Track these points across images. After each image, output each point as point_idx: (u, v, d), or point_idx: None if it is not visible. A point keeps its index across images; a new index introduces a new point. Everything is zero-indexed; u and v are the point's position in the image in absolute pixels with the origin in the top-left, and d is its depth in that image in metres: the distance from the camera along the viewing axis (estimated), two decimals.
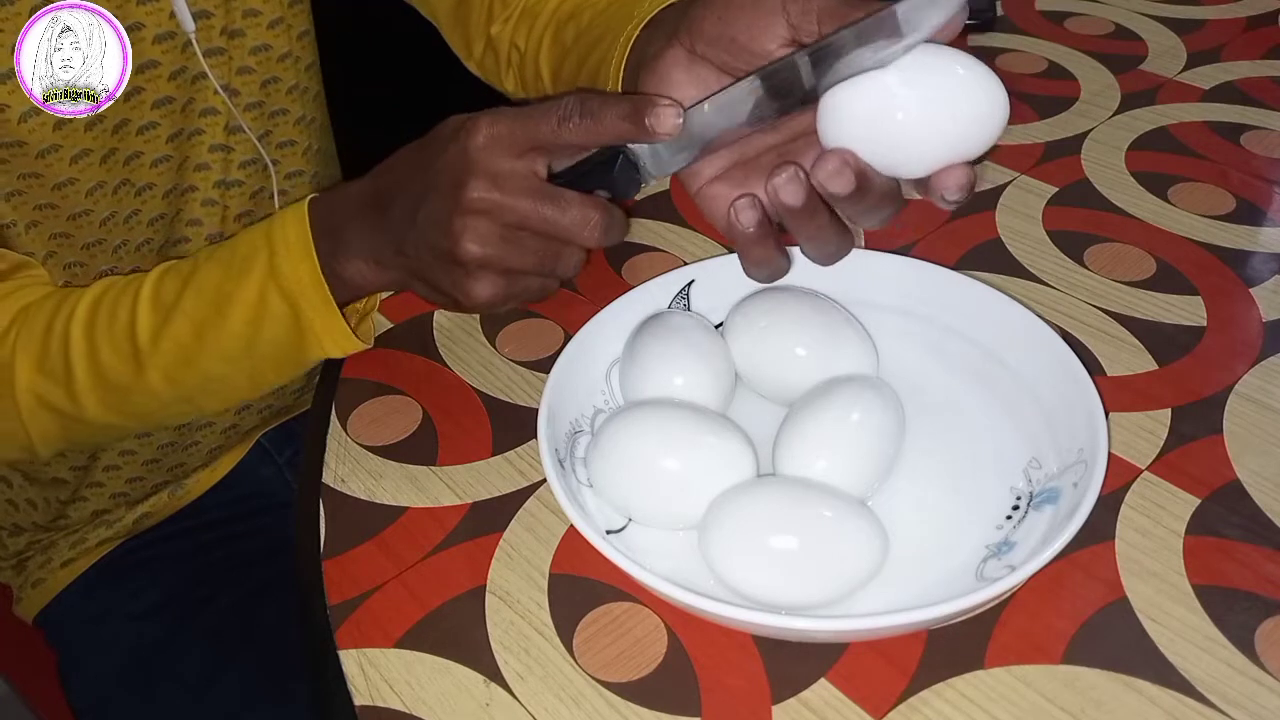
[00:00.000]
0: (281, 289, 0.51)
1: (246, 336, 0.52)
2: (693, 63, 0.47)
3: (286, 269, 0.50)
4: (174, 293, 0.53)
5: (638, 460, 0.47)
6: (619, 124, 0.43)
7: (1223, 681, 0.41)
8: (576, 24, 0.65)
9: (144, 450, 0.73)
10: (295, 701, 0.67)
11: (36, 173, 0.59)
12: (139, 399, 0.55)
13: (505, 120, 0.44)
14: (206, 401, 0.58)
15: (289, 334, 0.52)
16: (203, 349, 0.53)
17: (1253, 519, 0.47)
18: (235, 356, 0.53)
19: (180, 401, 0.56)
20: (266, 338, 0.52)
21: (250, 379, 0.56)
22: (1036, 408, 0.50)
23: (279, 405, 0.80)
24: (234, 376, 0.55)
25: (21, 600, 0.77)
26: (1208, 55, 0.84)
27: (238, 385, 0.56)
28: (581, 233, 0.45)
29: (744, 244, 0.45)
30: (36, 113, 0.56)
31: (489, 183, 0.44)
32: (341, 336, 0.52)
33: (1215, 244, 0.64)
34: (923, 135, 0.41)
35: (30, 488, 0.73)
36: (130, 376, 0.54)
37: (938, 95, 0.41)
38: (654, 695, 0.42)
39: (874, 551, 0.43)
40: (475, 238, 0.45)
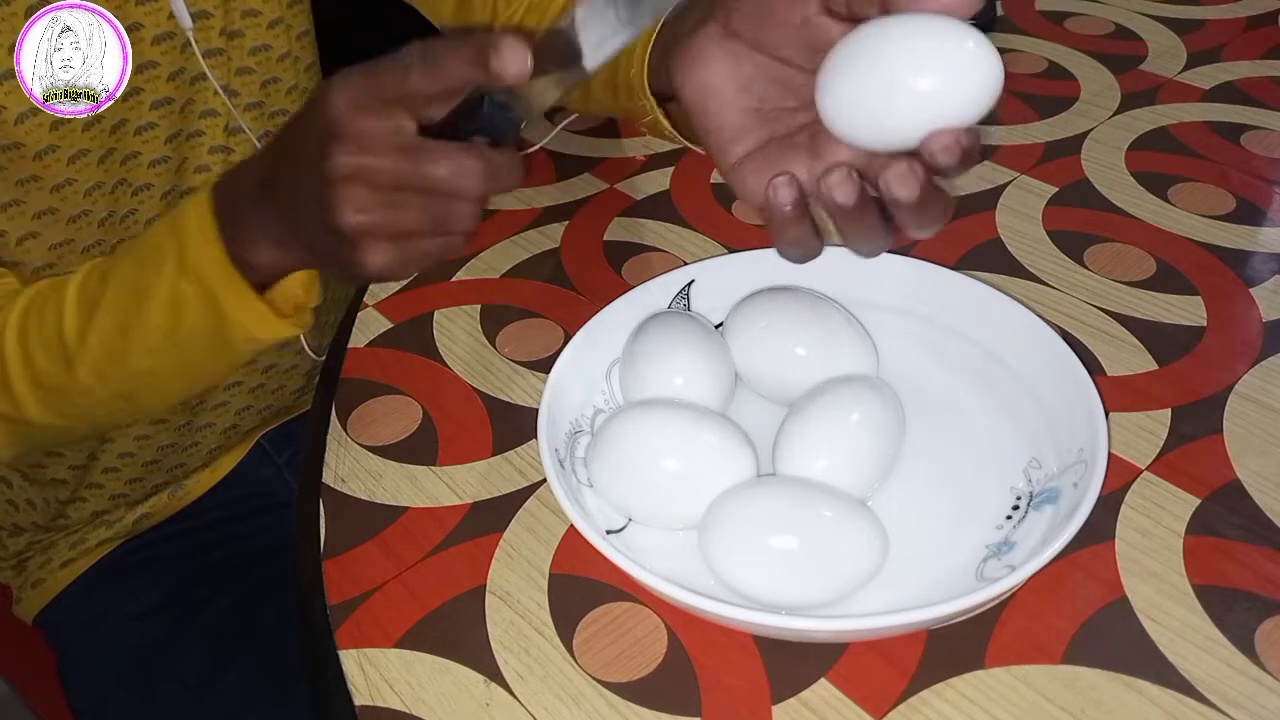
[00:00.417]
0: (192, 277, 0.49)
1: (167, 328, 0.51)
2: (727, 39, 0.46)
3: (193, 257, 0.49)
4: (96, 291, 0.52)
5: (638, 460, 0.47)
6: (464, 69, 0.41)
7: (1223, 681, 0.41)
8: None
9: (144, 452, 0.73)
10: (295, 701, 0.67)
11: (35, 175, 0.59)
12: (76, 399, 0.55)
13: (355, 79, 0.42)
14: (145, 398, 0.57)
15: (209, 322, 0.50)
16: (128, 344, 0.52)
17: (1253, 519, 0.47)
18: (161, 349, 0.52)
19: (117, 399, 0.56)
20: (188, 328, 0.51)
21: (183, 372, 0.55)
22: (1036, 408, 0.50)
23: (279, 405, 0.80)
24: (165, 370, 0.54)
25: (21, 600, 0.77)
26: (1208, 55, 0.84)
27: (171, 379, 0.55)
28: (465, 182, 0.42)
29: (780, 223, 0.44)
30: (34, 113, 0.56)
31: (354, 146, 0.41)
32: (262, 317, 0.50)
33: (1215, 244, 0.64)
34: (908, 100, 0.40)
35: (30, 488, 0.73)
36: (63, 377, 0.53)
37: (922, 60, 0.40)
38: (654, 695, 0.42)
39: (874, 551, 0.43)
40: (354, 206, 0.42)
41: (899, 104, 0.40)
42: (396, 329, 0.62)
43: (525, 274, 0.65)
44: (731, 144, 0.47)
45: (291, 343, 0.76)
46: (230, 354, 0.53)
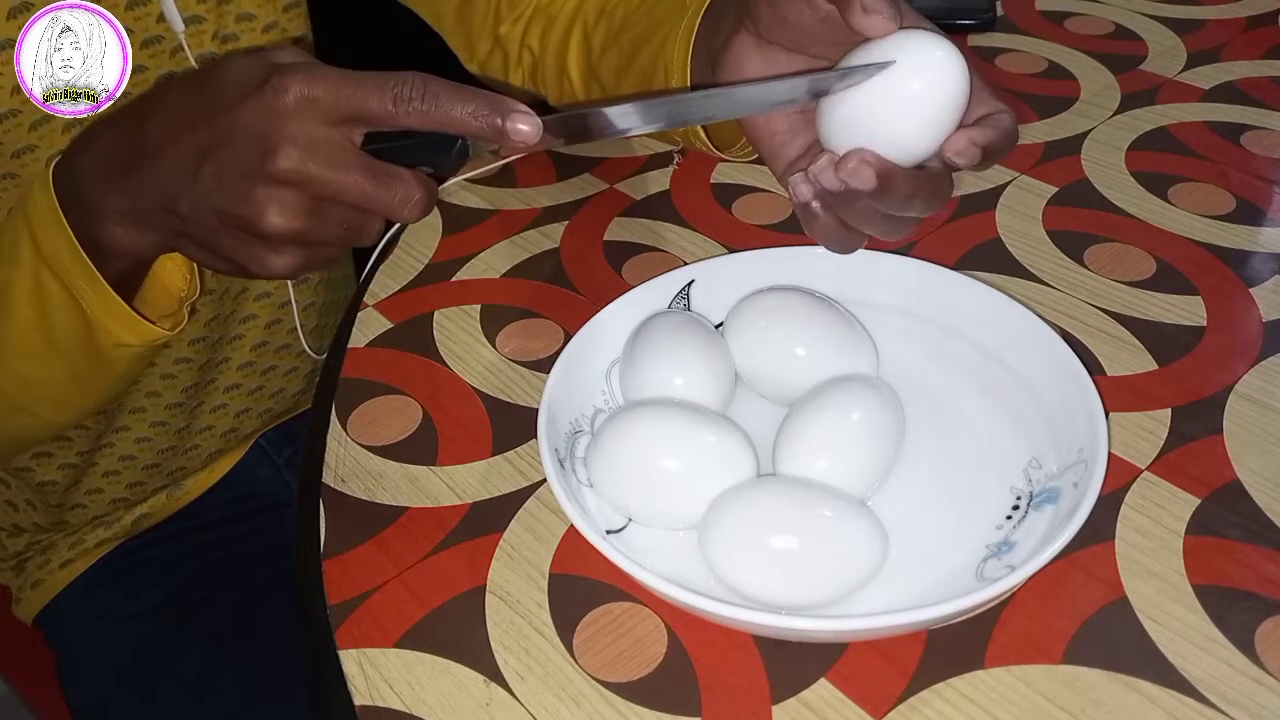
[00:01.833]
0: (51, 269, 0.46)
1: (38, 327, 0.48)
2: (762, 47, 0.47)
3: (47, 246, 0.46)
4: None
5: (638, 460, 0.47)
6: (467, 120, 0.40)
7: (1223, 681, 0.41)
8: (608, 23, 0.65)
9: (144, 455, 0.73)
10: (295, 701, 0.67)
11: (12, 173, 0.58)
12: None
13: (324, 82, 0.39)
14: (44, 410, 0.55)
15: (77, 321, 0.48)
16: (4, 346, 0.50)
17: (1253, 519, 0.47)
18: (38, 353, 0.50)
19: (14, 410, 0.54)
20: (59, 327, 0.48)
21: (74, 381, 0.52)
22: (1036, 408, 0.50)
23: (279, 408, 0.80)
24: (53, 379, 0.52)
25: (21, 601, 0.77)
26: (1208, 55, 0.84)
27: (64, 390, 0.53)
28: (401, 211, 0.41)
29: (806, 217, 0.45)
30: (13, 114, 0.56)
31: (301, 152, 0.39)
32: (124, 318, 0.48)
33: (1215, 244, 0.64)
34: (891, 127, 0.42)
35: (28, 489, 0.73)
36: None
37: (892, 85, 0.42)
38: (654, 695, 0.42)
39: (874, 551, 0.43)
40: (280, 211, 0.40)
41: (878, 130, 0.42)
42: (396, 329, 0.62)
43: (525, 274, 0.65)
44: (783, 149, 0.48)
45: (291, 345, 0.76)
46: (106, 361, 0.51)
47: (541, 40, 0.70)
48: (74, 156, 0.47)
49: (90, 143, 0.46)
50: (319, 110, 0.39)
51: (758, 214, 0.69)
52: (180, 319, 0.51)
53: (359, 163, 0.41)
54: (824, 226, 0.45)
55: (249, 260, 0.43)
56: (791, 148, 0.48)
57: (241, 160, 0.40)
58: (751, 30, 0.47)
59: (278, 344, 0.75)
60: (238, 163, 0.40)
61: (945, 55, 0.41)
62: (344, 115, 0.40)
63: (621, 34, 0.63)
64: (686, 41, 0.55)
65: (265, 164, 0.39)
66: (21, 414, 0.55)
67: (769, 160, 0.49)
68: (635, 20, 0.62)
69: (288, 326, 0.75)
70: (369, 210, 0.42)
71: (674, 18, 0.57)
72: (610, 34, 0.65)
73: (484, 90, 0.41)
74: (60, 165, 0.47)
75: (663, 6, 0.59)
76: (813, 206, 0.45)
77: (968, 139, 0.41)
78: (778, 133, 0.48)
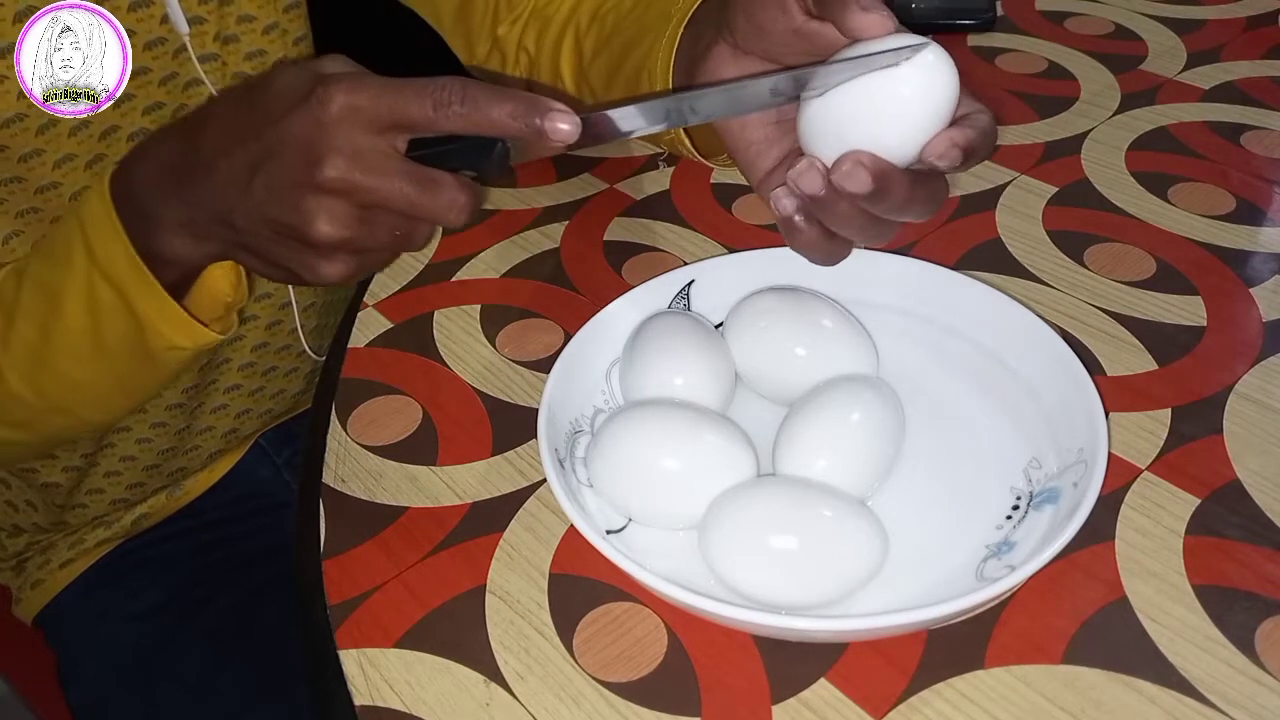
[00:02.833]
0: (105, 276, 0.47)
1: (89, 332, 0.49)
2: (739, 56, 0.47)
3: (102, 253, 0.47)
4: (12, 291, 0.51)
5: (638, 460, 0.47)
6: (506, 121, 0.40)
7: (1223, 681, 0.41)
8: (600, 28, 0.65)
9: (145, 456, 0.73)
10: (295, 701, 0.67)
11: (19, 177, 0.58)
12: (12, 408, 0.54)
13: (367, 91, 0.40)
14: (84, 410, 0.55)
15: (129, 327, 0.48)
16: (51, 349, 0.50)
17: (1253, 519, 0.47)
18: (87, 357, 0.50)
19: (57, 412, 0.54)
20: (110, 332, 0.49)
21: (118, 384, 0.53)
22: (1036, 408, 0.50)
23: (279, 408, 0.80)
24: (98, 381, 0.52)
25: (21, 601, 0.77)
26: (1208, 55, 0.84)
27: (107, 391, 0.54)
28: (448, 216, 0.42)
29: (789, 230, 0.45)
30: (20, 118, 0.56)
31: (347, 161, 0.40)
32: (180, 323, 0.48)
33: (1215, 244, 0.64)
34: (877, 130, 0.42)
35: (29, 490, 0.73)
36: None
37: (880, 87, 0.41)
38: (654, 695, 0.42)
39: (874, 551, 0.43)
40: (330, 219, 0.41)
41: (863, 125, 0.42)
42: (396, 329, 0.62)
43: (525, 274, 0.65)
44: (759, 159, 0.48)
45: (291, 345, 0.76)
46: (157, 364, 0.51)
47: (537, 42, 0.70)
48: (132, 166, 0.47)
49: (147, 154, 0.47)
50: (363, 119, 0.40)
51: (758, 214, 0.69)
52: (230, 324, 0.52)
53: (403, 170, 0.41)
54: (808, 239, 0.45)
55: (301, 268, 0.44)
56: (767, 158, 0.48)
57: (290, 171, 0.41)
58: (729, 40, 0.47)
59: (278, 345, 0.75)
60: (287, 173, 0.41)
61: (936, 58, 0.41)
62: (387, 123, 0.40)
63: (612, 39, 0.63)
64: (669, 50, 0.55)
65: (313, 174, 0.40)
66: (62, 415, 0.55)
67: (745, 170, 0.48)
68: (625, 26, 0.63)
69: (288, 327, 0.75)
70: (415, 216, 0.42)
71: (660, 26, 0.57)
72: (601, 39, 0.65)
73: (522, 91, 0.41)
74: (117, 174, 0.48)
75: (650, 14, 0.59)
76: (795, 220, 0.44)
77: (949, 140, 0.41)
78: (754, 142, 0.48)
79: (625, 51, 0.61)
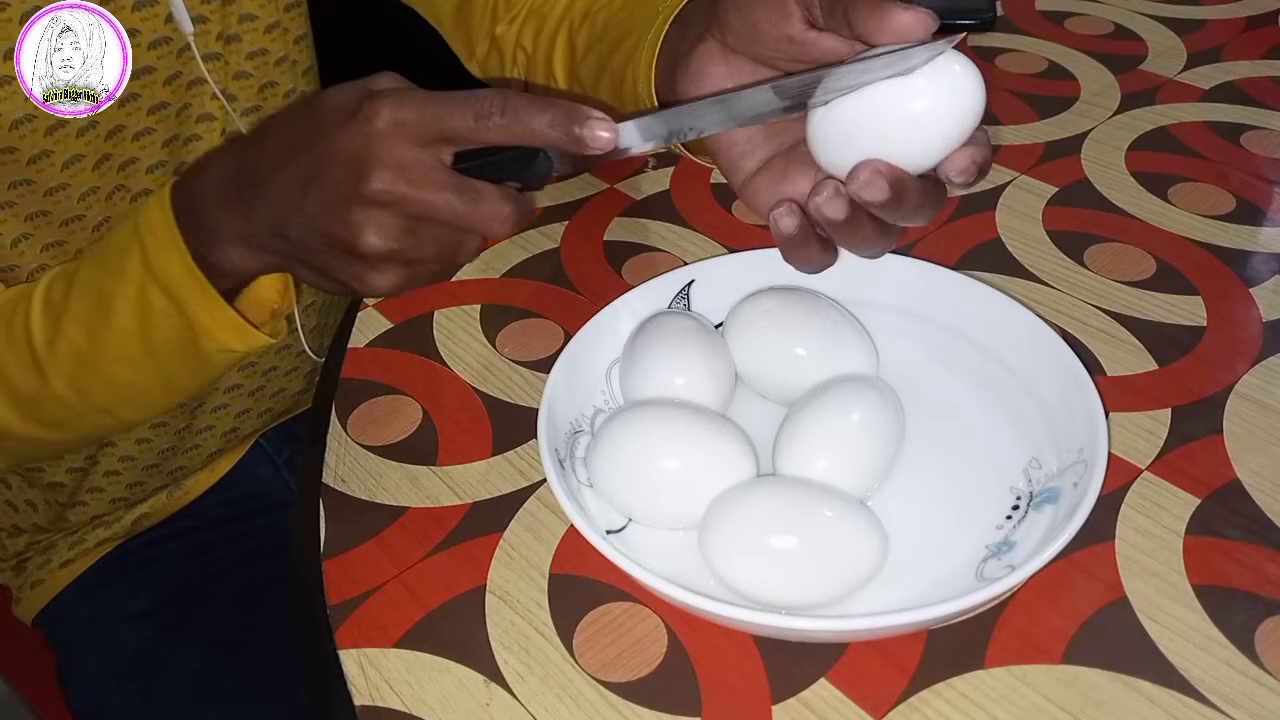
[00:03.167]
0: (158, 282, 0.48)
1: (139, 336, 0.50)
2: (728, 56, 0.47)
3: (158, 261, 0.48)
4: (61, 295, 0.52)
5: (638, 460, 0.47)
6: (546, 130, 0.41)
7: (1223, 681, 0.41)
8: (591, 26, 0.65)
9: (144, 455, 0.73)
10: (295, 701, 0.67)
11: (28, 179, 0.58)
12: (52, 409, 0.54)
13: (412, 105, 0.41)
14: (124, 410, 0.56)
15: (180, 330, 0.49)
16: (99, 353, 0.51)
17: (1253, 519, 0.47)
18: (135, 359, 0.51)
19: (97, 412, 0.55)
20: (160, 336, 0.50)
21: (163, 385, 0.54)
22: (1036, 408, 0.50)
23: (279, 408, 0.80)
24: (142, 382, 0.53)
25: (21, 601, 0.77)
26: (1208, 55, 0.84)
27: (151, 392, 0.54)
28: (493, 226, 0.43)
29: (786, 246, 0.45)
30: (29, 119, 0.56)
31: (394, 173, 0.41)
32: (234, 327, 0.50)
33: (1215, 244, 0.64)
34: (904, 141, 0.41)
35: (30, 490, 0.73)
36: (36, 386, 0.53)
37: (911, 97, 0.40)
38: (654, 695, 0.42)
39: (874, 551, 0.43)
40: (378, 231, 0.42)
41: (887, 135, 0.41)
42: (396, 329, 0.62)
43: (525, 274, 0.65)
44: (741, 160, 0.47)
45: (291, 345, 0.76)
46: (205, 365, 0.52)
47: (534, 40, 0.70)
48: (193, 179, 0.49)
49: (208, 168, 0.48)
50: (408, 132, 0.41)
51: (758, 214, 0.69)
52: (280, 329, 0.53)
53: (448, 181, 0.42)
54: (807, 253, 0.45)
55: (352, 279, 0.45)
56: (751, 159, 0.47)
57: (339, 184, 0.42)
58: (718, 38, 0.47)
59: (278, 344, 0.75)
60: (336, 187, 0.42)
61: (963, 70, 0.40)
62: (432, 135, 0.41)
63: (601, 37, 0.63)
64: (653, 47, 0.55)
65: (360, 186, 0.41)
66: (103, 414, 0.56)
67: (726, 171, 0.48)
68: (614, 24, 0.62)
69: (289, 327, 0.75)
70: (460, 227, 0.43)
71: (647, 23, 0.57)
72: (593, 36, 0.65)
73: (562, 100, 0.42)
74: (179, 185, 0.49)
75: (640, 12, 0.59)
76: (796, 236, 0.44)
77: (969, 158, 0.41)
78: (737, 143, 0.48)
79: (613, 49, 0.61)
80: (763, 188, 0.46)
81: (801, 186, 0.45)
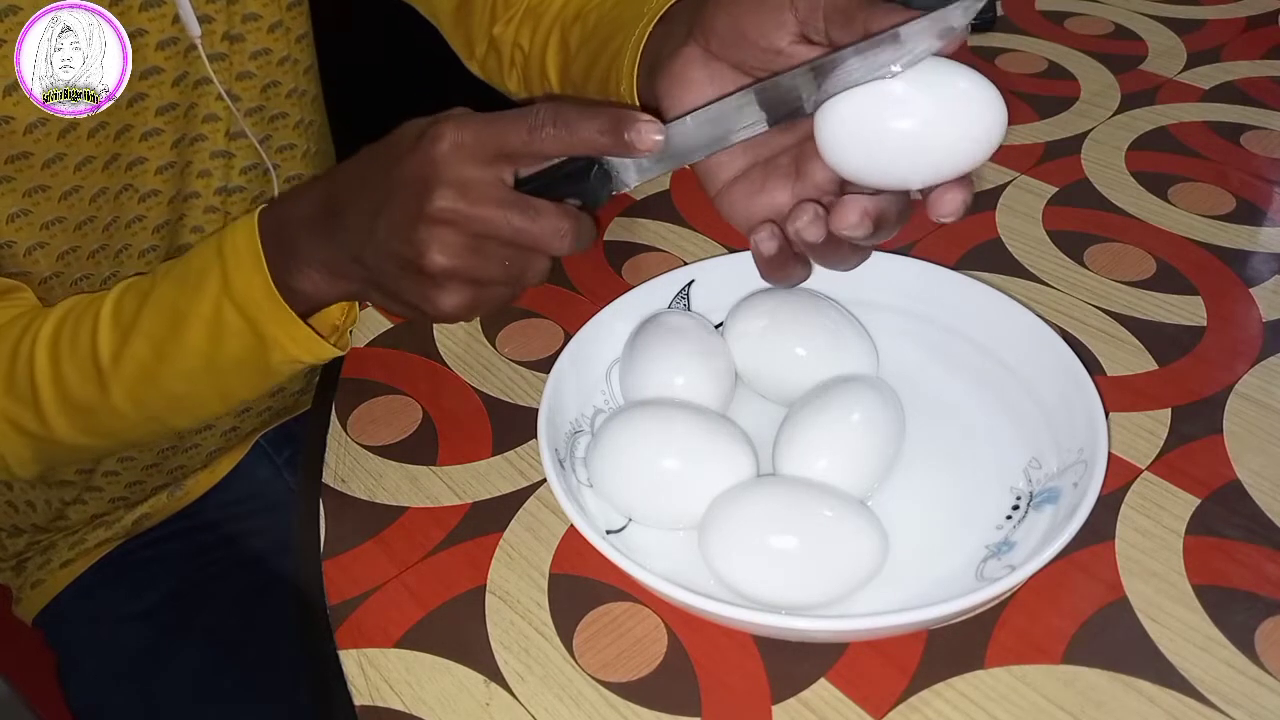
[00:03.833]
0: (236, 303, 0.50)
1: (206, 353, 0.51)
2: (709, 61, 0.46)
3: (239, 283, 0.49)
4: (133, 311, 0.52)
5: (638, 460, 0.47)
6: (596, 138, 0.42)
7: (1223, 681, 0.41)
8: (583, 25, 0.65)
9: (144, 455, 0.73)
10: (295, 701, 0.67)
11: (43, 185, 0.59)
12: (106, 419, 0.55)
13: (471, 126, 0.43)
14: (176, 419, 0.57)
15: (249, 348, 0.51)
16: (164, 368, 0.52)
17: (1253, 519, 0.47)
18: (198, 374, 0.52)
19: (149, 421, 0.56)
20: (228, 354, 0.51)
21: (220, 396, 0.55)
22: (1036, 408, 0.50)
23: (279, 406, 0.80)
24: (201, 394, 0.54)
25: (21, 601, 0.77)
26: (1208, 55, 0.84)
27: (207, 402, 0.56)
28: (553, 242, 0.44)
29: (765, 267, 0.46)
30: (42, 123, 0.56)
31: (455, 192, 0.43)
32: (307, 339, 0.51)
33: (1215, 244, 0.64)
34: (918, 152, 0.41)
35: (30, 490, 0.73)
36: (95, 397, 0.53)
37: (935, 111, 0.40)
38: (654, 695, 0.42)
39: (874, 551, 0.43)
40: (442, 248, 0.43)
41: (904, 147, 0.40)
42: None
43: None
44: (717, 169, 0.47)
45: None
46: (269, 376, 0.54)
47: (530, 40, 0.71)
48: (282, 206, 0.50)
49: (295, 199, 0.50)
50: (468, 153, 0.43)
51: None
52: (346, 341, 0.55)
53: (508, 199, 0.43)
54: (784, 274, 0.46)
55: (421, 300, 0.46)
56: (728, 169, 0.47)
57: (406, 206, 0.43)
58: (701, 43, 0.46)
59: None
60: (403, 208, 0.44)
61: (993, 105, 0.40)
62: (491, 154, 0.43)
63: (591, 37, 0.64)
64: (636, 49, 0.55)
65: (424, 206, 0.43)
66: (155, 423, 0.57)
67: (703, 179, 0.48)
68: (604, 23, 0.63)
69: None
70: (522, 244, 0.44)
71: (633, 24, 0.57)
72: (583, 36, 0.65)
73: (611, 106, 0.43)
74: (267, 212, 0.50)
75: (628, 11, 0.59)
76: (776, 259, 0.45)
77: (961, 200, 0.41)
78: None
79: (601, 48, 0.61)
80: (740, 198, 0.47)
81: (780, 199, 0.45)
